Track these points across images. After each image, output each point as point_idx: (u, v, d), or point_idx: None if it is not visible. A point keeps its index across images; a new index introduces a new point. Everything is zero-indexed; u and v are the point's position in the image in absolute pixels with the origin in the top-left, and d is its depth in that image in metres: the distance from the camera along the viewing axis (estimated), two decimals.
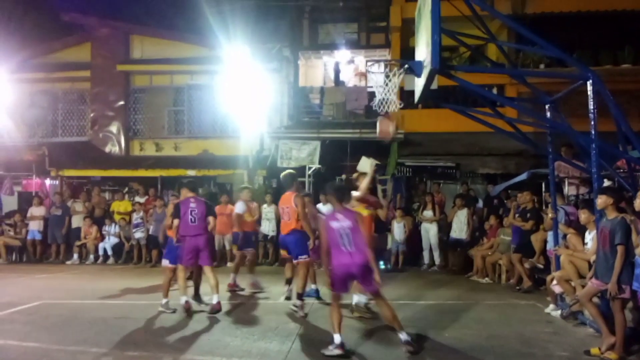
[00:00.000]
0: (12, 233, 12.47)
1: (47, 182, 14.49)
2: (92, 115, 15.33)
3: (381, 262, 7.47)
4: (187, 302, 6.51)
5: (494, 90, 12.65)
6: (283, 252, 7.16)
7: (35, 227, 12.41)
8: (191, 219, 6.53)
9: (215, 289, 6.49)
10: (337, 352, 4.77)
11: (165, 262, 6.92)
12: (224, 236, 11.38)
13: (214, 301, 6.45)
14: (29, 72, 15.14)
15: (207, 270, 6.64)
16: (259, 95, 13.45)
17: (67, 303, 7.34)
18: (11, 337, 5.48)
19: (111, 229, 12.20)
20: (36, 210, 12.50)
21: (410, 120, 13.47)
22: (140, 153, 15.20)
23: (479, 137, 12.25)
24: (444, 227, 11.01)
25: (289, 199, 6.71)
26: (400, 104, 7.15)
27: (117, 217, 12.40)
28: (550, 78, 10.54)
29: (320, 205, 11.23)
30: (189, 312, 6.41)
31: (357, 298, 6.26)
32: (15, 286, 7.62)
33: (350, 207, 5.36)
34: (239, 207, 8.53)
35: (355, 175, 6.64)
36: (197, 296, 6.94)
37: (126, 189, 14.05)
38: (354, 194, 6.08)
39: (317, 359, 4.79)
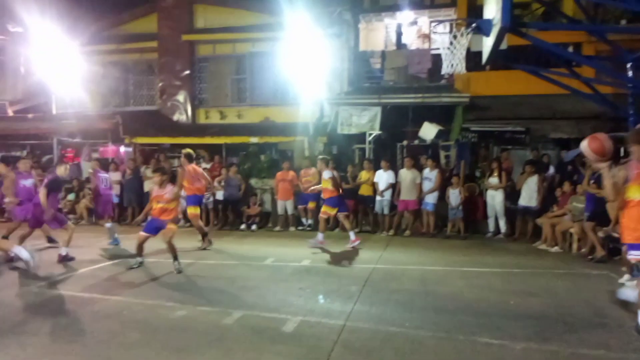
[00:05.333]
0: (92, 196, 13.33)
1: (122, 149, 15.34)
2: (160, 85, 15.92)
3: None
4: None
5: (570, 49, 11.84)
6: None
7: (112, 191, 13.21)
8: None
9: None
10: None
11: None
12: (287, 201, 11.66)
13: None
14: (101, 44, 15.89)
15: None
16: (319, 61, 13.36)
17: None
18: (96, 291, 5.98)
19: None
20: (113, 176, 13.26)
21: (477, 82, 12.97)
22: (205, 121, 15.70)
23: (552, 100, 11.63)
24: (511, 194, 10.62)
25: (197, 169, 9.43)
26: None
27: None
28: (633, 34, 9.69)
29: (380, 172, 11.21)
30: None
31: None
32: (95, 247, 8.21)
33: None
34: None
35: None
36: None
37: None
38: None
39: (378, 321, 4.87)
